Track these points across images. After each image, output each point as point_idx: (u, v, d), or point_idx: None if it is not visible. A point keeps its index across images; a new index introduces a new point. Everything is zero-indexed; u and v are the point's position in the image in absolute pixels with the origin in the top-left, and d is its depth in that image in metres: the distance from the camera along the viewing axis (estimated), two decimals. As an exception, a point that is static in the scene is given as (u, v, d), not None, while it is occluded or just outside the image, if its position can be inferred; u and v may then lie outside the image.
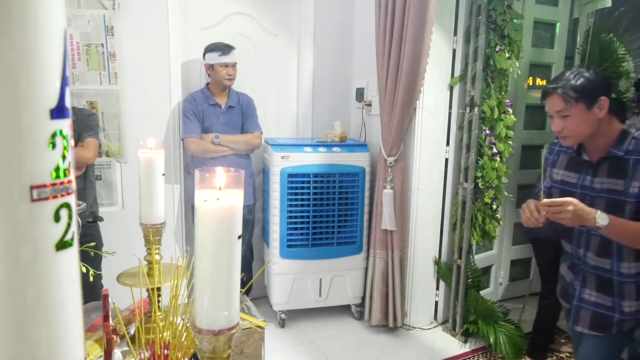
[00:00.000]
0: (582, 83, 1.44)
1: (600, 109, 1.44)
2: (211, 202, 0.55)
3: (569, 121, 1.47)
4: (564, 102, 1.46)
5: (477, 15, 2.70)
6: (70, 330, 0.33)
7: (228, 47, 2.71)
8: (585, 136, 1.49)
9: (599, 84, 1.45)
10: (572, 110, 1.45)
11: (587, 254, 1.59)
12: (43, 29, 0.30)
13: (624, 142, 1.47)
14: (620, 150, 1.47)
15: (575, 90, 1.44)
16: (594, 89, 1.44)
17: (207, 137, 2.75)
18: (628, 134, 1.48)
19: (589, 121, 1.46)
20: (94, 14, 2.61)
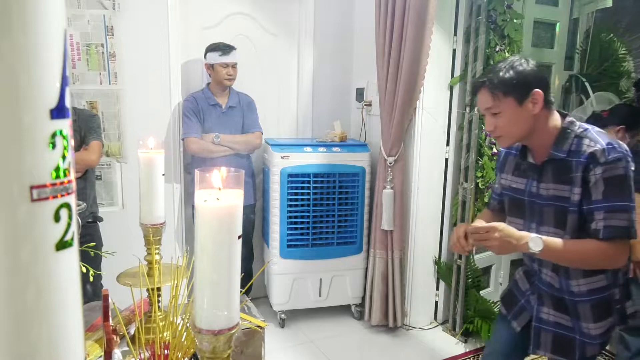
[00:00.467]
0: (511, 75, 1.28)
1: (534, 103, 1.29)
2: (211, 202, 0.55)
3: (500, 119, 1.31)
4: (492, 97, 1.31)
5: (477, 15, 2.70)
6: (70, 330, 0.33)
7: (228, 47, 2.71)
8: (521, 135, 1.34)
9: (530, 75, 1.29)
10: (502, 107, 1.30)
11: (541, 269, 1.44)
12: (43, 29, 0.30)
13: (565, 142, 1.30)
14: (561, 152, 1.30)
15: (503, 84, 1.28)
16: (525, 82, 1.28)
17: (208, 137, 2.75)
18: (569, 132, 1.31)
19: (522, 118, 1.30)
20: (94, 14, 2.61)
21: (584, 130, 1.29)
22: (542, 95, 1.28)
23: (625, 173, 1.21)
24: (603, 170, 1.21)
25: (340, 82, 3.41)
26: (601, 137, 1.26)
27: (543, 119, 1.32)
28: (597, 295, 1.35)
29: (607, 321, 1.36)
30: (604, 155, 1.21)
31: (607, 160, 1.21)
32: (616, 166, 1.21)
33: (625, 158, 1.22)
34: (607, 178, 1.21)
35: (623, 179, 1.21)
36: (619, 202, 1.21)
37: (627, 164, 1.22)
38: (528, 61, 1.32)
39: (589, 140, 1.26)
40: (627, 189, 1.22)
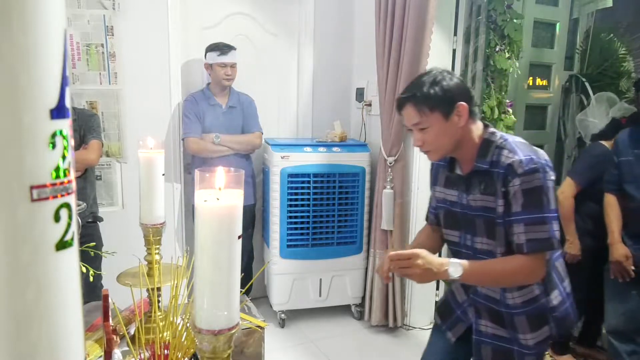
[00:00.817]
0: (436, 91, 1.28)
1: (460, 116, 1.29)
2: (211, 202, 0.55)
3: (427, 134, 1.31)
4: (419, 113, 1.30)
5: (477, 15, 2.70)
6: (70, 330, 0.33)
7: (227, 47, 2.71)
8: (450, 148, 1.34)
9: (454, 89, 1.29)
10: (429, 122, 1.29)
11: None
12: (43, 29, 0.30)
13: (487, 153, 1.30)
14: (484, 163, 1.30)
15: (428, 100, 1.28)
16: (450, 96, 1.28)
17: (208, 137, 2.75)
18: (491, 143, 1.31)
19: (449, 132, 1.30)
20: (94, 14, 2.61)
21: (504, 140, 1.30)
22: (467, 107, 1.29)
23: (543, 184, 1.21)
24: (521, 182, 1.21)
25: (340, 82, 3.41)
26: (520, 147, 1.26)
27: (468, 130, 1.33)
28: (531, 306, 1.35)
29: (542, 330, 1.36)
30: (521, 166, 1.21)
31: (525, 171, 1.21)
32: (533, 177, 1.21)
33: (543, 169, 1.22)
34: (525, 190, 1.21)
35: (541, 190, 1.21)
36: (538, 214, 1.21)
37: (544, 174, 1.22)
38: (451, 74, 1.33)
39: (507, 151, 1.26)
40: (546, 200, 1.22)
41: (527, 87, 3.28)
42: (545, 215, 1.21)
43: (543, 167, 1.22)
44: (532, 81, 3.32)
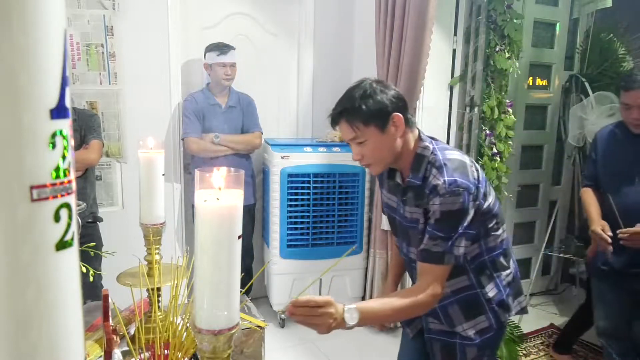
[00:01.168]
0: (368, 105, 1.24)
1: (396, 127, 1.26)
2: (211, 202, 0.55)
3: (365, 147, 1.28)
4: (353, 129, 1.26)
5: (477, 15, 2.70)
6: (70, 330, 0.33)
7: (226, 47, 2.71)
8: (390, 160, 1.31)
9: (387, 100, 1.25)
10: (365, 136, 1.26)
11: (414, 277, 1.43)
12: (43, 29, 0.30)
13: (420, 169, 1.28)
14: (417, 179, 1.28)
15: (361, 115, 1.24)
16: (383, 107, 1.24)
17: (208, 137, 2.75)
18: (423, 158, 1.29)
19: (387, 144, 1.27)
20: (94, 14, 2.61)
21: (435, 156, 1.28)
22: (402, 118, 1.26)
23: (462, 208, 1.20)
24: (440, 203, 1.21)
25: (340, 82, 3.39)
26: (448, 166, 1.24)
27: (407, 140, 1.30)
28: (462, 294, 1.36)
29: (478, 320, 1.36)
30: (444, 188, 1.20)
31: (446, 192, 1.20)
32: (453, 200, 1.20)
33: (467, 191, 1.21)
34: (443, 211, 1.21)
35: (459, 213, 1.21)
36: (445, 233, 1.21)
37: (466, 197, 1.20)
38: (383, 85, 1.30)
39: (435, 170, 1.25)
40: (461, 222, 1.21)
41: (527, 87, 3.27)
42: (450, 234, 1.21)
43: (467, 189, 1.21)
44: (532, 81, 3.32)
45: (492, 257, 1.37)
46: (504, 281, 1.39)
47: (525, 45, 3.04)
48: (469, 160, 1.29)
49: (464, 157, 1.29)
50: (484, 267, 1.36)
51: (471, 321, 1.37)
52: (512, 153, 2.92)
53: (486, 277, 1.36)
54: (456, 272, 1.32)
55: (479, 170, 1.29)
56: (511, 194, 3.12)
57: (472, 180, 1.23)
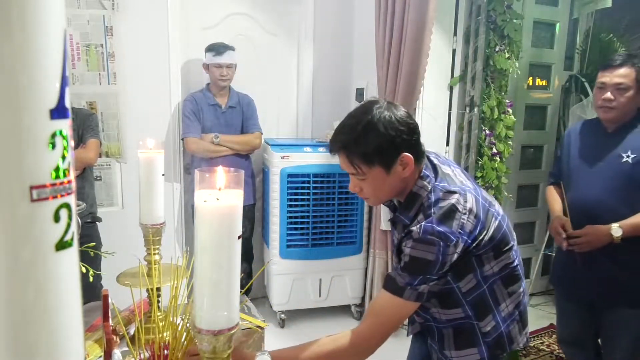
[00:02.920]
0: (374, 141, 1.09)
1: (404, 167, 1.13)
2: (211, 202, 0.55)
3: (365, 184, 1.16)
4: (354, 167, 1.13)
5: (477, 16, 2.70)
6: (70, 330, 0.33)
7: (223, 48, 2.70)
8: (391, 196, 1.21)
9: (397, 134, 1.10)
10: (368, 175, 1.14)
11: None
12: (43, 29, 0.30)
13: (411, 208, 1.17)
14: (406, 217, 1.18)
15: (364, 155, 1.11)
16: (392, 146, 1.10)
17: (207, 137, 2.75)
18: (417, 198, 1.16)
19: (390, 183, 1.15)
20: (94, 14, 2.61)
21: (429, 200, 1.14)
22: (412, 158, 1.12)
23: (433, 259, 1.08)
24: (411, 247, 1.10)
25: (340, 82, 3.41)
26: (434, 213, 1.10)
27: (410, 177, 1.17)
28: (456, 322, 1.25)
29: (469, 351, 1.25)
30: (418, 233, 1.09)
31: (419, 238, 1.09)
32: (426, 249, 1.08)
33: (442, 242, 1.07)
34: (412, 256, 1.10)
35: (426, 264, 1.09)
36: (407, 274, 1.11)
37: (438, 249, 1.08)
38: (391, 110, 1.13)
39: (422, 215, 1.12)
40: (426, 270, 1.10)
41: (527, 87, 3.28)
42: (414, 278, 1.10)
43: (444, 239, 1.08)
44: (532, 81, 3.32)
45: (492, 286, 1.22)
46: (503, 311, 1.25)
47: (525, 46, 3.04)
48: (463, 205, 1.11)
49: (459, 202, 1.11)
50: (483, 298, 1.22)
51: (461, 351, 1.25)
52: (512, 153, 2.92)
53: (484, 309, 1.23)
54: (450, 304, 1.21)
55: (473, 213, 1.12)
56: (511, 194, 3.12)
57: (455, 230, 1.09)
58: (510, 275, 1.23)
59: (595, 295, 1.84)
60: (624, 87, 1.69)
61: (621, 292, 1.77)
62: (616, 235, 1.66)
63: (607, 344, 1.89)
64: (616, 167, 1.73)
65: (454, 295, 1.19)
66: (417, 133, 1.15)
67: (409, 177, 1.16)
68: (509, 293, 1.25)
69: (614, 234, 1.66)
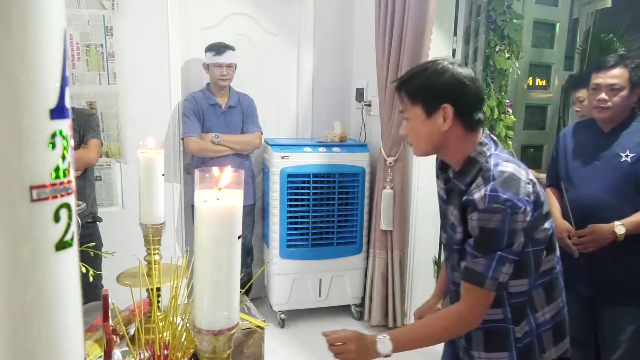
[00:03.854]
0: (423, 82, 1.15)
1: (445, 119, 1.15)
2: (211, 202, 0.55)
3: (408, 125, 1.21)
4: (402, 102, 1.20)
5: (476, 16, 2.70)
6: (70, 330, 0.33)
7: (223, 48, 2.71)
8: (429, 149, 1.22)
9: (448, 86, 1.14)
10: (410, 114, 1.19)
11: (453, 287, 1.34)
12: (43, 29, 0.30)
13: (468, 174, 1.17)
14: (463, 184, 1.18)
15: (412, 89, 1.16)
16: (438, 92, 1.14)
17: (207, 137, 2.75)
18: (474, 163, 1.17)
19: (428, 131, 1.17)
20: (94, 14, 2.61)
21: (487, 163, 1.15)
22: (453, 111, 1.14)
23: (500, 227, 1.08)
24: (478, 218, 1.10)
25: (340, 82, 3.41)
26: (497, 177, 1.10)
27: (455, 139, 1.17)
28: (490, 324, 1.24)
29: (499, 355, 1.24)
30: (482, 202, 1.09)
31: (484, 209, 1.08)
32: (492, 217, 1.08)
33: (511, 209, 1.07)
34: (481, 227, 1.10)
35: (496, 233, 1.09)
36: (481, 252, 1.12)
37: (508, 217, 1.07)
38: (453, 66, 1.15)
39: (481, 180, 1.12)
40: (499, 242, 1.10)
41: (527, 87, 3.28)
42: (490, 254, 1.11)
43: (511, 208, 1.07)
44: (532, 81, 3.32)
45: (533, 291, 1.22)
46: (538, 319, 1.24)
47: (525, 46, 3.04)
48: (526, 175, 1.13)
49: (520, 171, 1.13)
50: (524, 303, 1.22)
51: (491, 353, 1.25)
52: (512, 153, 2.92)
53: (522, 313, 1.23)
54: (494, 303, 1.19)
55: (536, 186, 1.14)
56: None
57: (522, 197, 1.08)
58: (551, 283, 1.23)
59: (595, 292, 1.85)
60: (618, 87, 1.71)
61: (621, 289, 1.77)
62: (619, 233, 1.68)
63: (606, 342, 1.89)
64: (615, 166, 1.74)
65: (500, 293, 1.18)
66: (470, 95, 1.16)
67: (448, 135, 1.17)
68: (547, 300, 1.24)
69: (618, 232, 1.68)
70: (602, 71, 1.76)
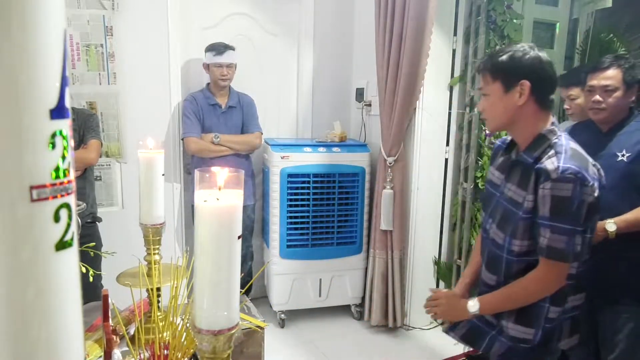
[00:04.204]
0: (503, 60, 1.26)
1: (521, 94, 1.25)
2: (211, 202, 0.55)
3: (486, 101, 1.31)
4: (483, 79, 1.31)
5: (477, 16, 2.70)
6: (70, 330, 0.33)
7: (224, 48, 2.71)
8: (502, 123, 1.32)
9: (525, 64, 1.24)
10: (489, 89, 1.29)
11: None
12: (43, 29, 0.30)
13: (537, 149, 1.26)
14: (530, 157, 1.26)
15: (493, 67, 1.27)
16: (516, 69, 1.25)
17: (207, 137, 2.75)
18: (545, 139, 1.26)
19: (504, 106, 1.28)
20: (94, 14, 2.61)
21: (558, 141, 1.25)
22: (530, 87, 1.24)
23: (572, 196, 1.16)
24: (551, 187, 1.18)
25: (340, 82, 3.41)
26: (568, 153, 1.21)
27: (529, 115, 1.27)
28: None
29: (526, 329, 1.31)
30: (556, 172, 1.17)
31: (558, 178, 1.17)
32: (564, 187, 1.16)
33: (581, 182, 1.16)
34: (554, 196, 1.18)
35: (569, 202, 1.17)
36: (563, 225, 1.19)
37: (579, 187, 1.16)
38: (533, 50, 1.26)
39: (554, 152, 1.22)
40: (573, 212, 1.18)
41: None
42: (569, 227, 1.18)
43: (581, 180, 1.16)
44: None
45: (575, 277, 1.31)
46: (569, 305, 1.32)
47: (525, 46, 3.04)
48: (591, 160, 1.25)
49: (586, 155, 1.25)
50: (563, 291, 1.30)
51: (519, 326, 1.32)
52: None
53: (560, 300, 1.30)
54: None
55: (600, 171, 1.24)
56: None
57: (591, 174, 1.19)
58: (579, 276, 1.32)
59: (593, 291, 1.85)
60: (612, 88, 1.74)
61: (619, 288, 1.78)
62: (610, 230, 1.69)
63: (605, 342, 1.89)
64: (612, 165, 1.76)
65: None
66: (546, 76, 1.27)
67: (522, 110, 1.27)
68: (576, 290, 1.33)
69: (609, 229, 1.70)
70: (596, 73, 1.79)
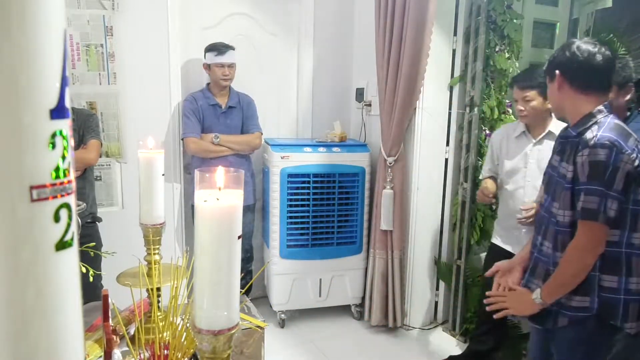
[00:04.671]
0: (552, 57, 1.49)
1: (559, 85, 1.45)
2: (211, 202, 0.55)
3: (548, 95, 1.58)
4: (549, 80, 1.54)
5: (477, 16, 2.70)
6: (70, 330, 0.33)
7: (225, 47, 2.71)
8: (555, 109, 1.59)
9: (556, 57, 1.46)
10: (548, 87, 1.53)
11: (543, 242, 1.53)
12: (43, 29, 0.30)
13: (583, 125, 1.40)
14: (574, 130, 1.42)
15: (548, 64, 1.50)
16: (550, 62, 1.48)
17: (207, 137, 2.75)
18: (591, 117, 1.39)
19: (550, 94, 1.53)
20: (94, 14, 2.61)
21: (603, 118, 1.37)
22: (561, 77, 1.42)
23: (607, 161, 1.27)
24: (588, 153, 1.30)
25: (340, 82, 3.41)
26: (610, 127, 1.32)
27: (569, 98, 1.43)
28: None
29: (583, 298, 1.38)
30: (594, 139, 1.30)
31: (594, 144, 1.29)
32: (600, 152, 1.28)
33: (618, 150, 1.27)
34: (591, 161, 1.30)
35: (604, 166, 1.28)
36: (596, 187, 1.29)
37: (616, 155, 1.27)
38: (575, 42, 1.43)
39: (597, 127, 1.34)
40: (608, 177, 1.28)
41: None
42: (602, 189, 1.28)
43: (618, 148, 1.27)
44: (532, 81, 3.32)
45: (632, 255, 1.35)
46: (630, 285, 1.36)
47: (525, 46, 3.04)
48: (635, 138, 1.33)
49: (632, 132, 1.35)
50: (618, 258, 1.35)
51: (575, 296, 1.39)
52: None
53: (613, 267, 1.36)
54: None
55: None
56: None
57: (630, 145, 1.29)
58: None
59: None
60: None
61: None
62: None
63: None
64: None
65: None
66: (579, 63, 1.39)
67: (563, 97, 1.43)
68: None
69: None
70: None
